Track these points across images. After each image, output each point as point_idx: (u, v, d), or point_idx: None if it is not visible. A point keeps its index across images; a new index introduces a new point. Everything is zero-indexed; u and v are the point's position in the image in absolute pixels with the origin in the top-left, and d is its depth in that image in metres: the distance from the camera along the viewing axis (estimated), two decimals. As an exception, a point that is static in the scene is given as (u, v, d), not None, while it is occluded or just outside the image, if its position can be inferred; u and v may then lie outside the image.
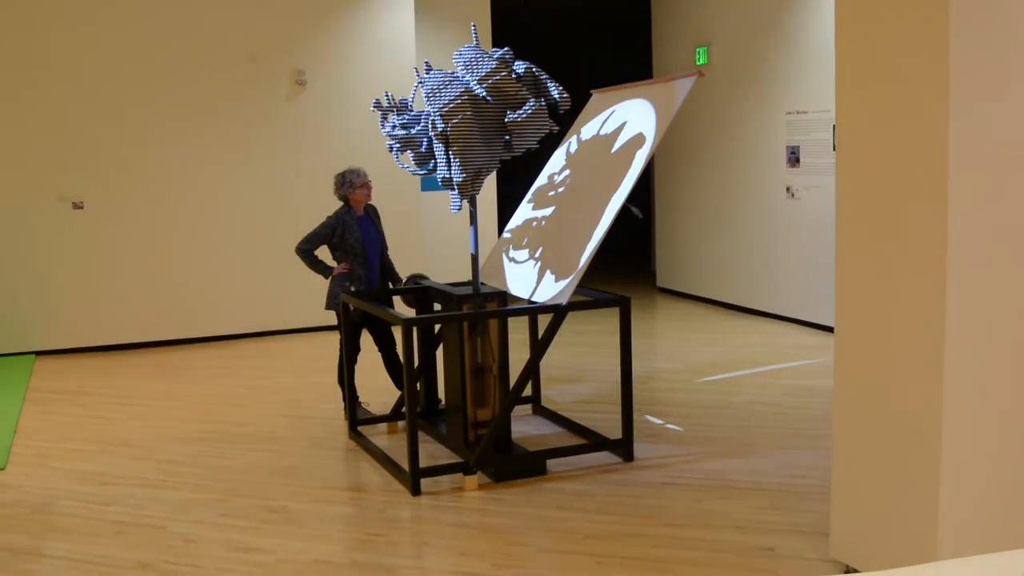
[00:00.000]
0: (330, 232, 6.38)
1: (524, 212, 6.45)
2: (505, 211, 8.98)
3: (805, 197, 9.30)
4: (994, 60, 3.42)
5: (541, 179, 6.47)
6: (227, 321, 9.79)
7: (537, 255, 5.91)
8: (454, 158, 5.39)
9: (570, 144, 6.45)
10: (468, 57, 5.44)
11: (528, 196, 6.51)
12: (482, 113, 5.40)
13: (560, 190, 6.17)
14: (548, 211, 6.15)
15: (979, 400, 3.55)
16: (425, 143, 5.61)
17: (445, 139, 5.37)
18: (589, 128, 6.35)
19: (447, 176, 5.48)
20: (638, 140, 5.64)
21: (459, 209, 5.68)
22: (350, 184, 6.39)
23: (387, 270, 6.65)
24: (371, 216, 6.56)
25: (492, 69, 5.36)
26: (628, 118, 5.91)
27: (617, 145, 5.83)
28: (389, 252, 6.69)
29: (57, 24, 9.07)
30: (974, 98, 3.40)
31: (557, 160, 6.48)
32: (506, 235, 6.49)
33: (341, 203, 6.49)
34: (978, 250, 3.48)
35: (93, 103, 9.22)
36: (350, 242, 6.37)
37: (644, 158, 5.45)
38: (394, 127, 5.66)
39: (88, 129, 9.23)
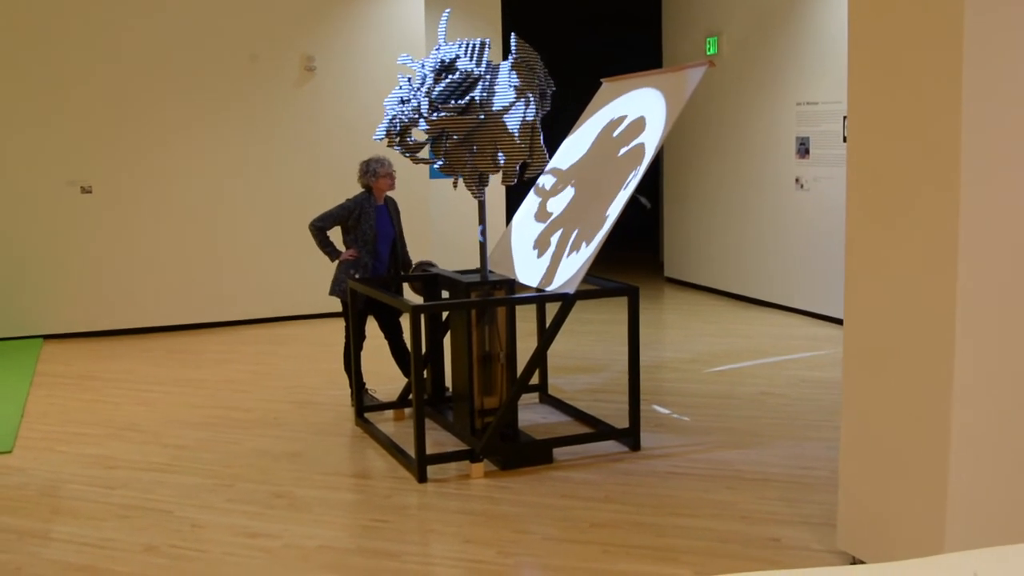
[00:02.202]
0: (347, 214, 6.38)
1: (533, 200, 6.44)
2: (513, 199, 8.96)
3: (814, 188, 9.26)
4: (1008, 51, 3.39)
5: (550, 168, 6.46)
6: (234, 307, 9.80)
7: (546, 244, 5.89)
8: (535, 143, 5.51)
9: (580, 133, 6.43)
10: (534, 51, 5.56)
11: (537, 184, 6.49)
12: None
13: (569, 179, 6.16)
14: (557, 200, 6.13)
15: (988, 392, 3.54)
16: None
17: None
18: (599, 117, 6.32)
19: (527, 162, 5.54)
20: (647, 130, 5.61)
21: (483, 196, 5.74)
22: (373, 173, 6.39)
23: (399, 263, 6.62)
24: (389, 208, 6.55)
25: (539, 65, 5.57)
26: (638, 107, 5.89)
27: (626, 135, 5.81)
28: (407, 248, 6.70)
29: (67, 9, 9.06)
30: (987, 89, 3.38)
31: (566, 149, 6.46)
32: (514, 223, 6.47)
33: (363, 191, 6.48)
34: (989, 241, 3.46)
35: (102, 88, 9.21)
36: (363, 228, 6.37)
37: (653, 148, 5.43)
38: (449, 104, 5.56)
39: (97, 114, 9.23)
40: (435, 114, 5.49)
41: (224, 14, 9.48)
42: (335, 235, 6.57)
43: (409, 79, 5.74)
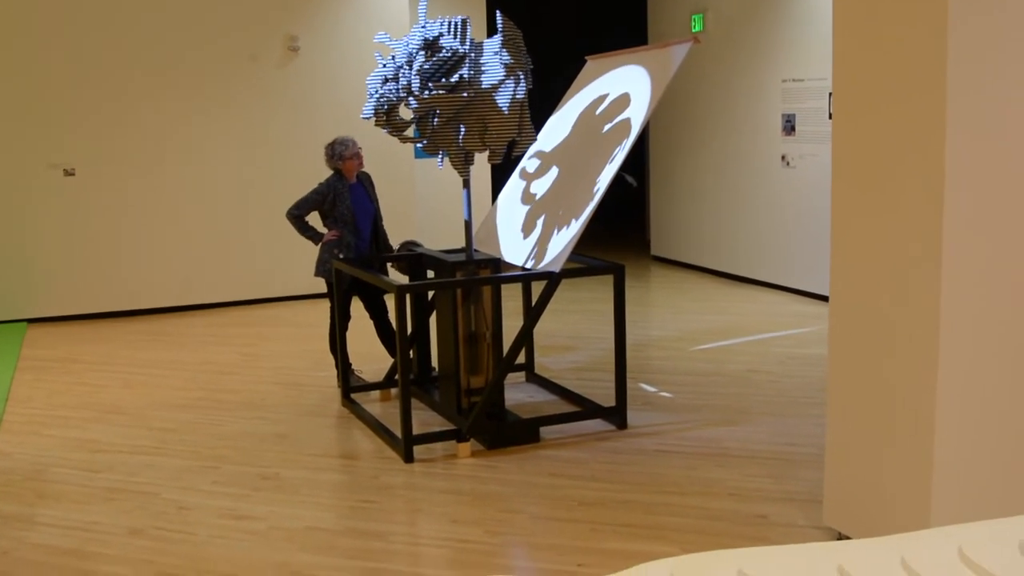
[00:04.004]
0: (320, 199, 6.34)
1: (518, 179, 6.41)
2: (499, 177, 8.93)
3: (800, 166, 9.26)
4: (992, 27, 3.38)
5: (535, 146, 6.43)
6: (219, 289, 9.75)
7: (531, 222, 5.87)
8: (523, 121, 5.47)
9: (564, 111, 6.40)
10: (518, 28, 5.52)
11: (522, 163, 6.46)
12: None
13: (554, 157, 6.13)
14: (542, 178, 6.11)
15: (974, 367, 3.54)
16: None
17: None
18: (583, 95, 6.29)
19: (515, 139, 5.50)
20: (633, 107, 5.59)
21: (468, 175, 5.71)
22: (340, 156, 6.33)
23: (379, 240, 6.58)
24: (364, 184, 6.51)
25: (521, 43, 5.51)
26: (623, 85, 5.86)
27: (611, 112, 5.78)
28: (384, 222, 6.64)
29: (45, -13, 8.96)
30: (972, 64, 3.36)
31: (550, 127, 6.43)
32: (500, 202, 6.45)
33: (333, 173, 6.43)
34: (974, 219, 3.45)
35: (84, 69, 9.12)
36: (340, 210, 6.33)
37: (639, 125, 5.40)
38: (439, 82, 5.49)
39: (79, 96, 9.14)
40: (425, 92, 5.45)
41: (205, -7, 9.40)
42: (316, 221, 6.51)
43: (394, 57, 5.68)
